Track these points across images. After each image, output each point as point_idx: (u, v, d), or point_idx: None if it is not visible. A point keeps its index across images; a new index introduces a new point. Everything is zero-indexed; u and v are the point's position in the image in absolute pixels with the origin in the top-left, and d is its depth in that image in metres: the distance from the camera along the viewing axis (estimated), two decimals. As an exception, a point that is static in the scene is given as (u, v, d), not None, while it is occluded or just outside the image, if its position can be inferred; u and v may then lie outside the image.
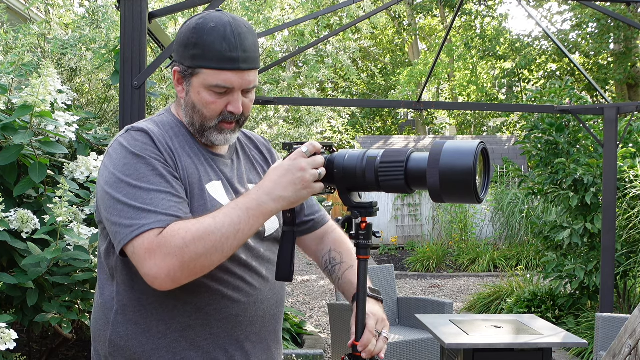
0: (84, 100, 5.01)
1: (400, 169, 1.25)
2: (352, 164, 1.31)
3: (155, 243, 1.25)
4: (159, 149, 1.37)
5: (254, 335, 1.47)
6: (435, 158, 1.20)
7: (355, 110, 18.32)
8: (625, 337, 2.81)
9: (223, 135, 1.45)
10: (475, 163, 1.16)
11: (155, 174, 1.33)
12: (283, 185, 1.28)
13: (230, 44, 1.36)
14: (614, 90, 15.70)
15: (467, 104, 18.02)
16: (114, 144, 1.40)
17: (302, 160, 1.29)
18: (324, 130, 9.28)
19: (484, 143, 1.23)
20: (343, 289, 1.57)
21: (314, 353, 3.00)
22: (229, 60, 1.37)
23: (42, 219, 2.70)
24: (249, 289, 1.44)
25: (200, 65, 1.38)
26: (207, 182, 1.42)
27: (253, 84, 1.43)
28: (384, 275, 5.22)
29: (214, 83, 1.38)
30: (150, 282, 1.28)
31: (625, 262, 5.58)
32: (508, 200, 10.54)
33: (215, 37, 1.36)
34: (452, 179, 1.18)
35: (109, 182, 1.34)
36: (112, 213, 1.31)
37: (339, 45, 8.70)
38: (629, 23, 5.08)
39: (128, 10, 2.78)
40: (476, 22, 17.67)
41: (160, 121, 1.47)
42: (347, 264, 1.60)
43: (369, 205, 1.34)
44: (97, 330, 1.47)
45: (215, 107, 1.41)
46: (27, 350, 3.55)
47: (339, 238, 1.67)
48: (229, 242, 1.27)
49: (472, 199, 1.19)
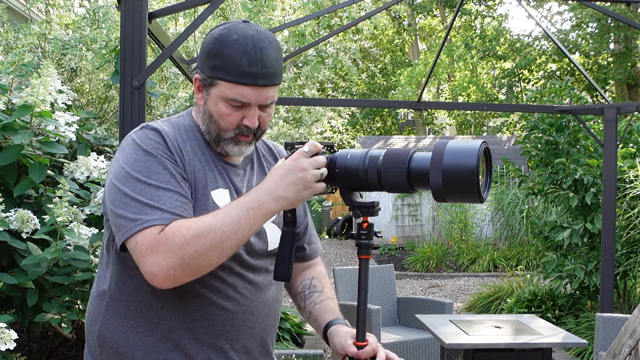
0: (84, 100, 5.01)
1: (403, 168, 1.25)
2: (354, 163, 1.30)
3: (157, 240, 1.26)
4: (170, 150, 1.38)
5: (239, 345, 1.46)
6: (438, 158, 1.19)
7: (355, 110, 18.33)
8: (625, 337, 2.81)
9: (239, 147, 1.45)
10: (478, 163, 1.16)
11: (166, 173, 1.34)
12: (284, 185, 1.28)
13: (250, 59, 1.35)
14: (614, 90, 15.70)
15: (467, 104, 18.03)
16: (127, 139, 1.41)
17: (303, 160, 1.28)
18: (324, 130, 9.26)
19: (486, 142, 1.23)
20: (317, 313, 1.56)
21: (314, 353, 3.00)
22: (247, 75, 1.36)
23: (42, 219, 2.70)
24: (239, 298, 1.44)
25: (219, 76, 1.37)
26: (214, 188, 1.42)
27: (271, 100, 1.42)
28: (384, 275, 5.22)
29: (231, 97, 1.38)
30: (150, 280, 1.28)
31: (625, 262, 5.58)
32: (508, 200, 10.54)
33: (235, 50, 1.35)
34: (455, 178, 1.18)
35: (117, 176, 1.34)
36: (118, 206, 1.32)
37: (340, 46, 8.71)
38: (629, 23, 5.08)
39: (128, 10, 2.78)
40: (476, 22, 17.67)
41: (177, 123, 1.47)
42: (327, 294, 1.60)
43: (370, 204, 1.33)
44: (89, 320, 1.48)
45: (232, 119, 1.41)
46: (27, 350, 3.55)
47: (324, 272, 1.68)
48: (228, 240, 1.27)
49: (474, 199, 1.18)
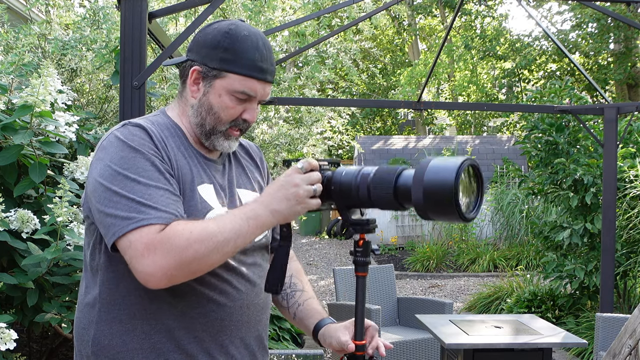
0: (84, 100, 5.01)
1: (390, 185, 1.25)
2: (348, 180, 1.31)
3: (156, 240, 1.25)
4: (157, 146, 1.37)
5: (239, 340, 1.47)
6: (420, 174, 1.19)
7: (355, 110, 18.31)
8: (625, 337, 2.81)
9: (228, 142, 1.48)
10: (457, 179, 1.15)
11: (154, 170, 1.33)
12: (278, 199, 1.30)
13: (262, 55, 1.42)
14: (614, 90, 15.70)
15: (467, 104, 18.03)
16: (109, 137, 1.38)
17: (296, 176, 1.30)
18: (324, 130, 9.26)
19: (473, 159, 1.21)
20: (302, 315, 1.59)
21: (314, 353, 3.00)
22: (260, 70, 1.42)
23: (42, 219, 2.70)
24: (235, 293, 1.44)
25: (230, 69, 1.40)
26: (200, 183, 1.43)
27: (268, 97, 1.49)
28: (384, 275, 5.22)
29: (240, 89, 1.41)
30: (143, 279, 1.27)
31: (625, 262, 5.58)
32: (508, 200, 10.53)
33: (249, 45, 1.41)
34: (434, 194, 1.17)
35: (103, 175, 1.31)
36: (107, 205, 1.29)
37: (340, 47, 8.71)
38: (629, 23, 5.08)
39: (128, 10, 2.78)
40: (476, 22, 17.67)
41: (155, 121, 1.47)
42: (307, 293, 1.63)
43: (366, 222, 1.34)
44: (80, 329, 1.45)
45: (233, 112, 1.44)
46: (27, 350, 3.55)
47: (300, 268, 1.71)
48: (229, 245, 1.28)
49: (455, 217, 1.16)
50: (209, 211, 1.41)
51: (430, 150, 13.42)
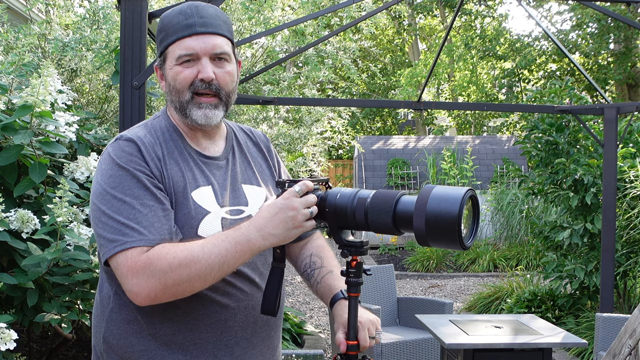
0: (84, 100, 5.01)
1: (389, 211, 1.27)
2: (343, 202, 1.33)
3: (139, 263, 1.28)
4: (145, 159, 1.38)
5: (245, 341, 1.47)
6: (422, 203, 1.21)
7: (355, 110, 18.32)
8: (625, 337, 2.81)
9: (202, 111, 1.45)
10: (460, 211, 1.18)
11: (140, 186, 1.35)
12: (274, 224, 1.30)
13: (185, 14, 1.43)
14: (614, 90, 15.70)
15: (467, 104, 18.02)
16: (104, 152, 1.43)
17: (294, 200, 1.31)
18: (324, 130, 9.26)
19: (473, 190, 1.25)
20: (321, 292, 1.59)
21: (314, 353, 3.00)
22: (185, 27, 1.43)
23: (42, 219, 2.70)
24: (239, 294, 1.45)
25: (166, 44, 1.44)
26: (194, 189, 1.43)
27: (220, 50, 1.45)
28: (384, 275, 5.22)
29: (178, 53, 1.43)
30: (131, 298, 1.32)
31: (625, 262, 5.58)
32: (508, 200, 10.53)
33: (173, 15, 1.45)
34: (437, 225, 1.20)
35: (95, 193, 1.37)
36: (98, 225, 1.35)
37: (339, 46, 8.70)
38: (629, 23, 5.08)
39: (128, 10, 2.78)
40: (476, 22, 17.66)
41: (153, 126, 1.48)
42: (326, 268, 1.61)
43: (359, 244, 1.35)
44: (95, 326, 1.49)
45: (184, 76, 1.44)
46: (27, 350, 3.55)
47: (322, 244, 1.70)
48: (212, 272, 1.30)
49: (456, 246, 1.21)
50: (205, 216, 1.41)
51: (430, 150, 13.41)
